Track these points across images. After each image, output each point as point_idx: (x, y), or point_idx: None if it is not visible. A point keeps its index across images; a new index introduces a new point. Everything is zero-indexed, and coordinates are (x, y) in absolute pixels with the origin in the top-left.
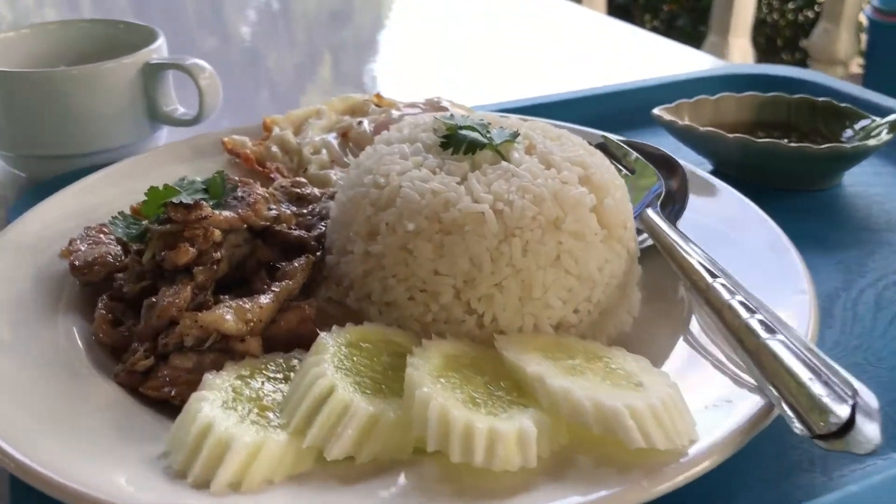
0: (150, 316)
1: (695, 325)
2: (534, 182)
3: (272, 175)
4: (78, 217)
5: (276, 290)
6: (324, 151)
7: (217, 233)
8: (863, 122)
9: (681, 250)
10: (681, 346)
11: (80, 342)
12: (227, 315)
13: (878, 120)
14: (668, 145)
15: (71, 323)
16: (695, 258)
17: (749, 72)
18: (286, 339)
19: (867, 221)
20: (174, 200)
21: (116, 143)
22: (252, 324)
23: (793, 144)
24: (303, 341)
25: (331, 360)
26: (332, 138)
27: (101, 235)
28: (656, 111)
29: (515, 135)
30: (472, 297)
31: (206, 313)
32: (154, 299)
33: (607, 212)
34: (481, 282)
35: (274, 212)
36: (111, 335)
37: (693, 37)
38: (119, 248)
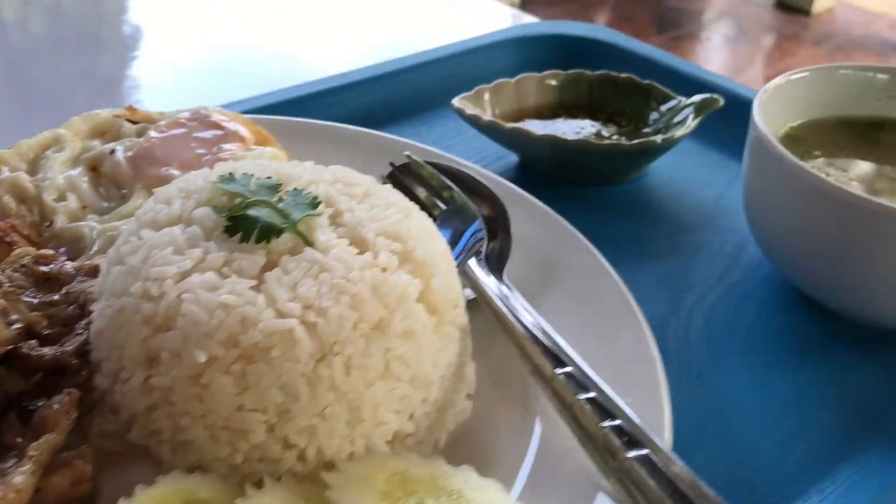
0: None
1: (539, 404)
2: (348, 277)
3: (7, 239)
4: None
5: (35, 454)
6: (71, 196)
7: None
8: (668, 104)
9: (518, 326)
10: (533, 438)
11: None
12: None
13: (683, 100)
14: (469, 134)
15: None
16: (536, 337)
17: (544, 31)
18: None
19: (680, 217)
20: None
21: None
22: None
23: (604, 142)
24: None
25: None
26: (80, 175)
27: None
28: (457, 103)
29: (316, 203)
30: (289, 431)
31: None
32: None
33: (436, 295)
34: (298, 413)
35: (17, 325)
36: None
37: None
38: None
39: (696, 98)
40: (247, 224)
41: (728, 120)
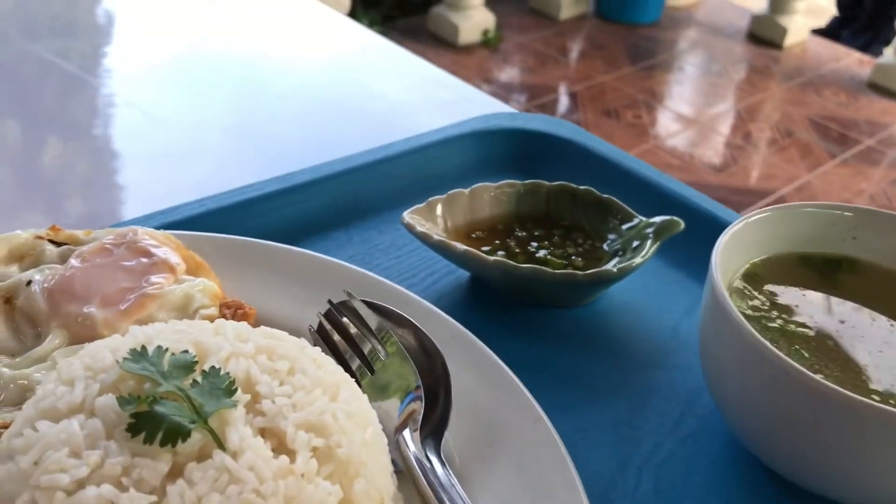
0: None
1: None
2: (260, 489)
3: None
4: None
5: None
6: None
7: None
8: (628, 223)
9: None
10: None
11: None
12: None
13: (643, 220)
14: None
15: None
16: None
17: (504, 126)
18: None
19: (634, 351)
20: None
21: None
22: None
23: (557, 271)
24: None
25: None
26: None
27: None
28: (407, 218)
29: (233, 390)
30: None
31: None
32: None
33: (359, 499)
34: None
35: None
36: None
37: None
38: None
39: (657, 219)
40: (151, 424)
41: (691, 237)
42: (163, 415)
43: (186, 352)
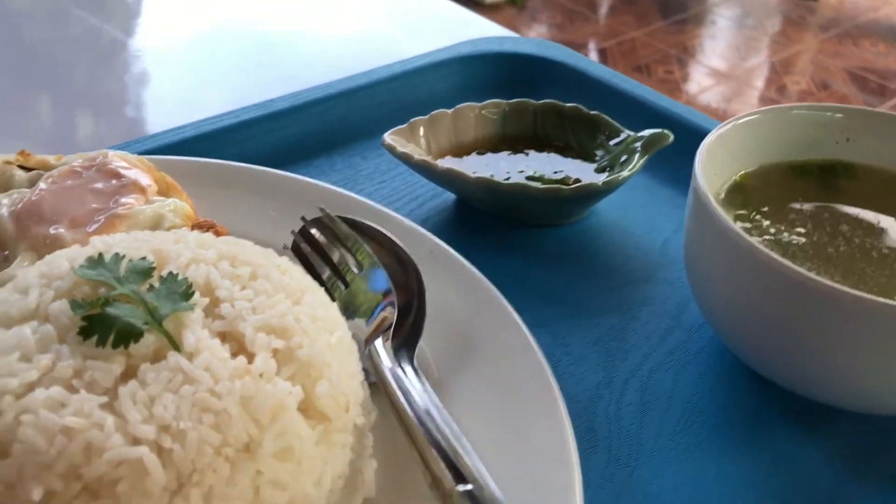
0: None
1: None
2: (215, 389)
3: None
4: None
5: None
6: None
7: None
8: (616, 139)
9: (420, 430)
10: None
11: None
12: None
13: (631, 135)
14: (406, 166)
15: None
16: (438, 444)
17: (492, 49)
18: None
19: (623, 268)
20: None
21: None
22: None
23: (541, 186)
24: None
25: None
26: None
27: None
28: (388, 139)
29: (190, 293)
30: None
31: None
32: None
33: (321, 402)
34: None
35: None
36: None
37: None
38: None
39: (645, 133)
40: (103, 326)
41: (682, 152)
42: (115, 316)
43: (145, 258)
